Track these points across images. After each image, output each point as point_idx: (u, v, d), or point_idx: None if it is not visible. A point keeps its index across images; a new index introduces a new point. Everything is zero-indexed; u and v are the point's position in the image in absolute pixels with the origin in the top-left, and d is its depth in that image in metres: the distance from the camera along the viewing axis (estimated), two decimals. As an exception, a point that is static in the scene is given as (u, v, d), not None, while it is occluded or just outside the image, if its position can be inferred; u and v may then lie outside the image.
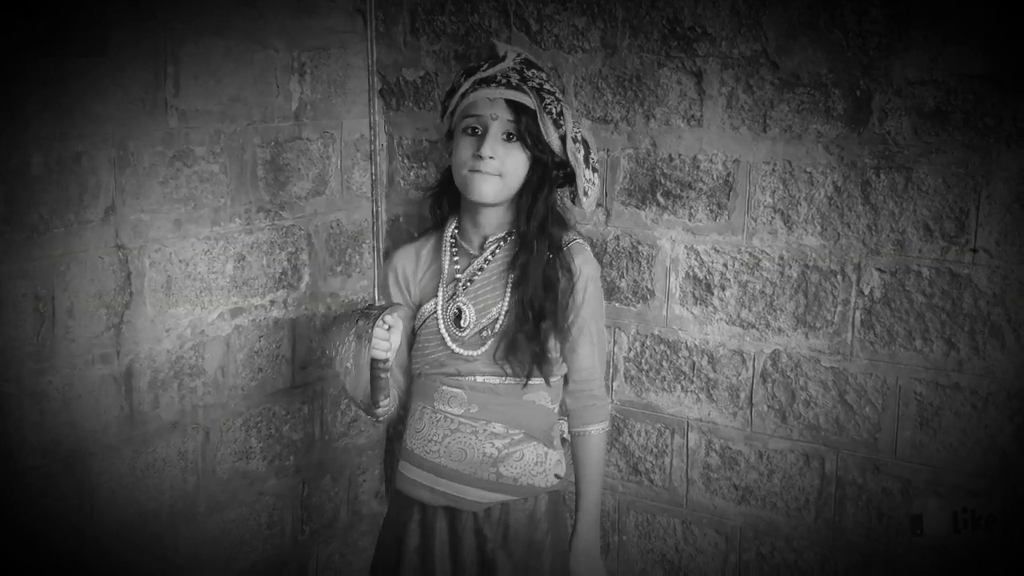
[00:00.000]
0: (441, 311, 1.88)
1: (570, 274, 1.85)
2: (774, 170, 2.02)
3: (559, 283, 1.84)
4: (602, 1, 2.13)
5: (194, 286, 2.05)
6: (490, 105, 1.80)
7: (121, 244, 1.89)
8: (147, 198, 1.92)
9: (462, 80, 1.85)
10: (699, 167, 2.09)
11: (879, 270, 1.95)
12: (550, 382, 1.87)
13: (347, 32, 2.34)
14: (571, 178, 1.87)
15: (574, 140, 1.83)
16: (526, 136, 1.80)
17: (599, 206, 2.21)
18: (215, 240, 2.08)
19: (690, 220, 2.12)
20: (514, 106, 1.80)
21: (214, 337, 2.11)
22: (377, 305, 1.77)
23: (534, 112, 1.79)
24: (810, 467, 2.07)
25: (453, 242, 1.92)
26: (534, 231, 1.83)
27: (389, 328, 1.75)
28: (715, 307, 2.12)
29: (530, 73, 1.84)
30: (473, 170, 1.79)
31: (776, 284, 2.05)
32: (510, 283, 1.84)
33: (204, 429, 2.12)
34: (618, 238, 2.21)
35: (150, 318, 1.96)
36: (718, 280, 2.11)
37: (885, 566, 2.01)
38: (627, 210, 2.19)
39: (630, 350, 2.24)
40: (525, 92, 1.80)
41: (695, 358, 2.16)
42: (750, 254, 2.07)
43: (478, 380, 1.85)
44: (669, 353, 2.19)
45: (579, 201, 1.87)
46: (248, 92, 2.11)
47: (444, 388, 1.87)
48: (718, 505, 2.19)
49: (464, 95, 1.82)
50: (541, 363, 1.83)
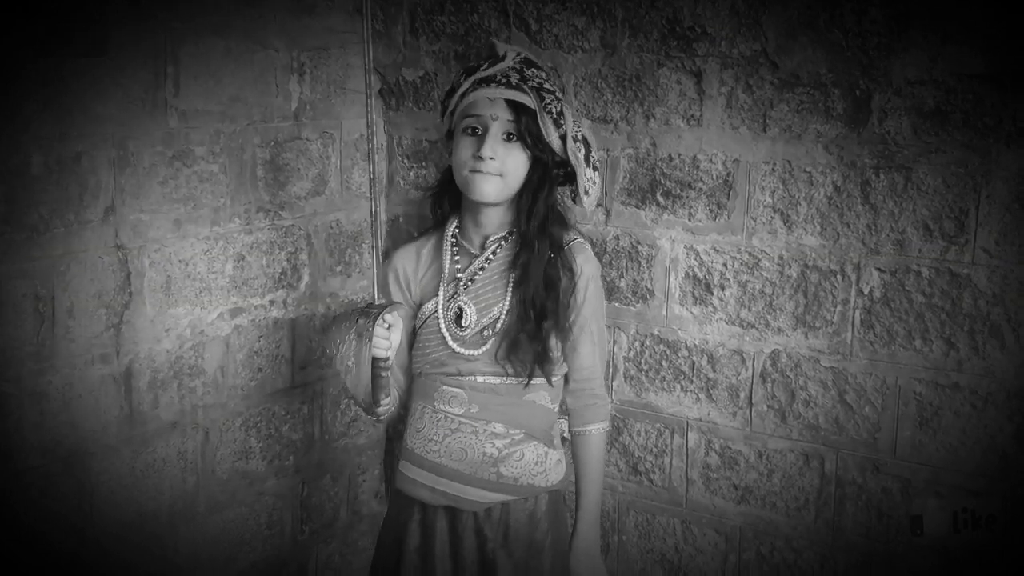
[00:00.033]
0: (442, 310, 1.88)
1: (571, 273, 1.85)
2: (774, 170, 2.02)
3: (560, 282, 1.84)
4: (601, 1, 2.13)
5: (194, 286, 2.05)
6: (490, 105, 1.79)
7: (121, 244, 1.89)
8: (147, 198, 1.92)
9: (462, 79, 1.85)
10: (699, 167, 2.10)
11: (879, 270, 1.95)
12: (552, 381, 1.87)
13: (347, 32, 2.34)
14: (572, 177, 1.87)
15: (575, 139, 1.83)
16: (526, 136, 1.80)
17: (599, 206, 2.21)
18: (215, 240, 2.08)
19: (690, 220, 2.12)
20: (514, 106, 1.79)
21: (214, 337, 2.11)
22: (377, 303, 1.76)
23: (534, 112, 1.79)
24: (810, 467, 2.07)
25: (454, 241, 1.92)
26: (535, 231, 1.83)
27: (389, 327, 1.76)
28: (715, 307, 2.12)
29: (530, 72, 1.83)
30: (474, 171, 1.79)
31: (776, 284, 2.05)
32: (511, 283, 1.85)
33: (204, 429, 2.11)
34: (618, 238, 2.21)
35: (150, 318, 1.96)
36: (718, 280, 2.11)
37: (885, 566, 2.01)
38: (627, 210, 2.19)
39: (630, 350, 2.24)
40: (525, 92, 1.80)
41: (695, 358, 2.16)
42: (750, 254, 2.07)
43: (478, 380, 1.85)
44: (669, 353, 2.19)
45: (580, 200, 1.87)
46: (248, 92, 2.11)
47: (444, 388, 1.87)
48: (718, 505, 2.19)
49: (464, 95, 1.82)
50: (543, 363, 1.83)
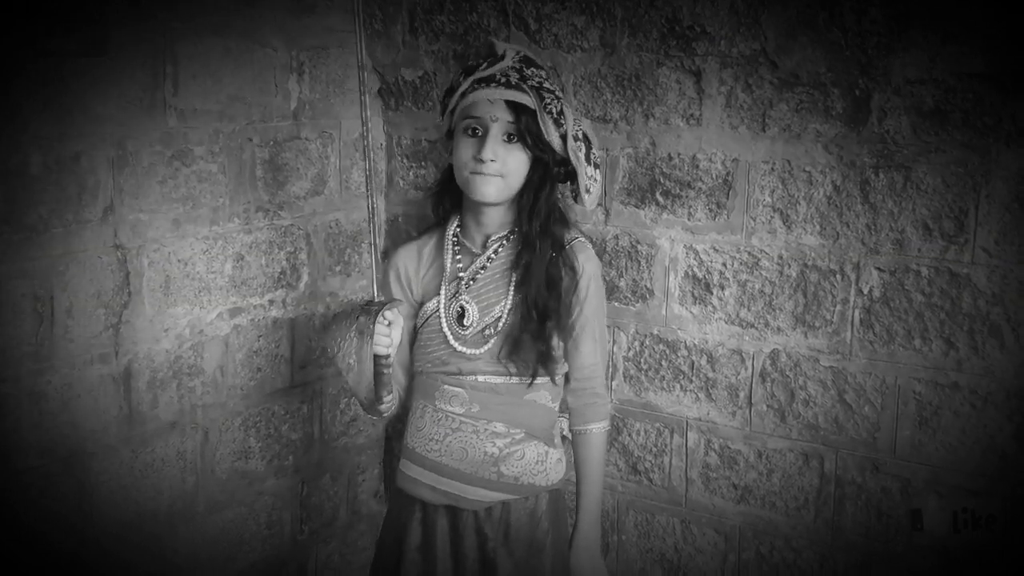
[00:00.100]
0: (444, 309, 1.88)
1: (573, 272, 1.85)
2: (773, 169, 2.02)
3: (562, 281, 1.84)
4: (601, 0, 2.13)
5: (193, 286, 2.05)
6: (490, 106, 1.79)
7: (120, 244, 1.89)
8: (146, 198, 1.92)
9: (461, 79, 1.84)
10: (698, 166, 2.09)
11: (878, 269, 1.95)
12: (555, 380, 1.87)
13: (346, 32, 2.33)
14: (573, 175, 1.87)
15: (575, 138, 1.83)
16: (526, 136, 1.79)
17: (599, 205, 2.21)
18: (214, 240, 2.08)
19: (689, 219, 2.12)
20: (514, 106, 1.79)
21: (213, 337, 2.11)
22: (377, 301, 1.76)
23: (534, 111, 1.79)
24: (809, 466, 2.07)
25: (455, 240, 1.92)
26: (537, 230, 1.83)
27: (389, 324, 1.76)
28: (714, 306, 2.12)
29: (529, 72, 1.83)
30: (475, 172, 1.79)
31: (775, 283, 2.05)
32: (513, 282, 1.85)
33: (203, 429, 2.11)
34: (617, 237, 2.21)
35: (149, 318, 1.96)
36: (717, 279, 2.11)
37: (884, 565, 2.01)
38: (626, 209, 2.19)
39: (629, 349, 2.24)
40: (525, 91, 1.79)
41: (694, 357, 2.16)
42: (749, 253, 2.07)
43: (479, 379, 1.85)
44: (668, 352, 2.19)
45: (581, 199, 1.87)
46: (247, 92, 2.11)
47: (445, 387, 1.87)
48: (717, 504, 2.19)
49: (463, 94, 1.82)
50: (547, 362, 1.83)
